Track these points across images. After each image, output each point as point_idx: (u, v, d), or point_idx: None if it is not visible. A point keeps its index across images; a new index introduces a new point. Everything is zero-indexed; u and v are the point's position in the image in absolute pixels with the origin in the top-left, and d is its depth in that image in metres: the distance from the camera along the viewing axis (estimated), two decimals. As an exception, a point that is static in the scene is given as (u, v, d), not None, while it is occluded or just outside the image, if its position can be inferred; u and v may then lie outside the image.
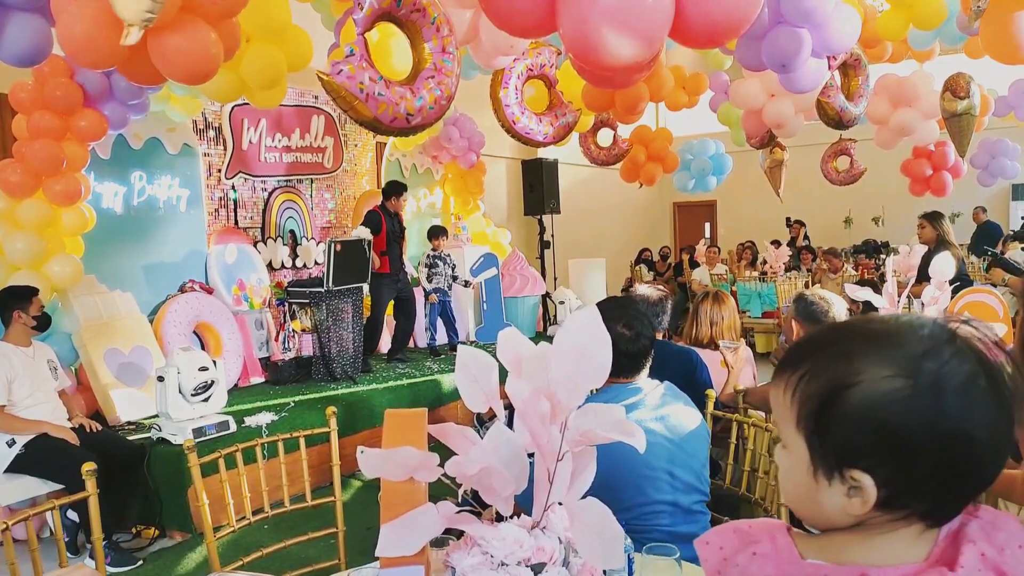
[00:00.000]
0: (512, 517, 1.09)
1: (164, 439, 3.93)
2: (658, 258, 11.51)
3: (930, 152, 7.88)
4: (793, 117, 5.65)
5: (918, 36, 5.35)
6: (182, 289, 5.39)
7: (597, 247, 10.77)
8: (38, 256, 4.22)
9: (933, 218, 5.11)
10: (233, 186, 6.09)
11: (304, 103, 6.62)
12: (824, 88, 5.34)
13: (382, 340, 6.55)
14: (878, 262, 9.17)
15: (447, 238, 6.90)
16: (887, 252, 9.45)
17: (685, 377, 2.70)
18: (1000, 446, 0.69)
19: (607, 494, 1.05)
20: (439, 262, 6.62)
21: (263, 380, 5.68)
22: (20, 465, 3.52)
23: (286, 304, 5.77)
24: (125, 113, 4.33)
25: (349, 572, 1.52)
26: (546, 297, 8.31)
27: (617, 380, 1.90)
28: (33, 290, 3.80)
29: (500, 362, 1.11)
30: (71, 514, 3.61)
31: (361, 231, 5.83)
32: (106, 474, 1.90)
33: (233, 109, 5.92)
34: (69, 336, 4.50)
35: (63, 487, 3.52)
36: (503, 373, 1.05)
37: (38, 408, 3.62)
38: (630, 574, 1.30)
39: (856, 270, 8.89)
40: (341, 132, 7.02)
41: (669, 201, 14.82)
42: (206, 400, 3.98)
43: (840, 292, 4.44)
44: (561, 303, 7.92)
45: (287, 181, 6.57)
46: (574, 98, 5.80)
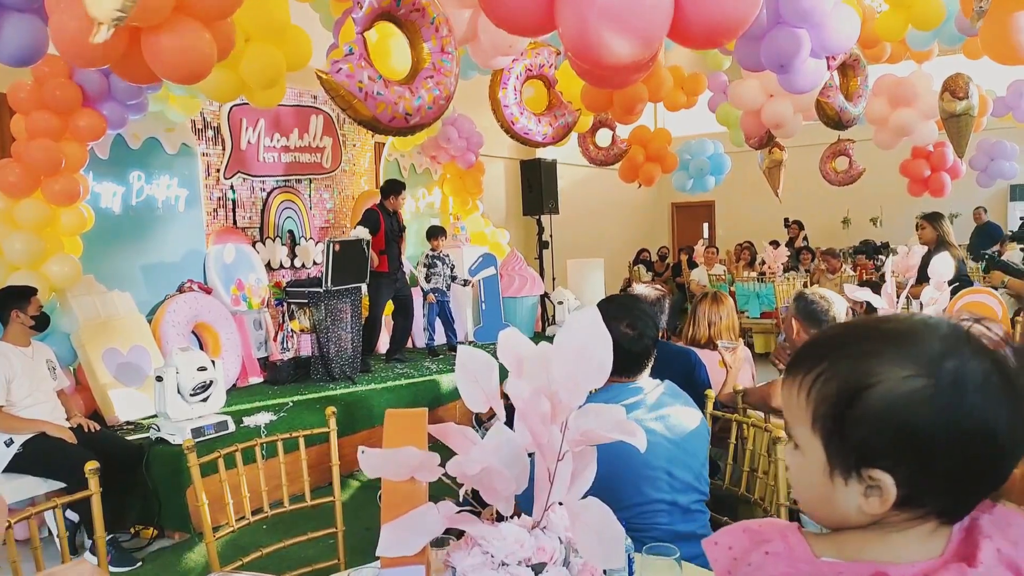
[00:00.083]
0: (512, 517, 1.09)
1: (163, 439, 3.93)
2: (656, 258, 11.50)
3: (929, 153, 7.89)
4: (792, 117, 5.65)
5: (917, 36, 5.35)
6: (180, 289, 5.39)
7: (595, 247, 10.77)
8: (37, 256, 4.22)
9: (933, 219, 5.11)
10: (232, 186, 6.09)
11: (303, 103, 6.61)
12: (824, 88, 5.34)
13: (380, 340, 6.54)
14: (877, 263, 9.17)
15: (446, 238, 6.90)
16: (887, 253, 9.45)
17: (684, 377, 2.70)
18: (1018, 441, 0.69)
19: (606, 493, 1.05)
20: (438, 262, 6.62)
21: (261, 380, 5.68)
22: (19, 465, 3.51)
23: (285, 304, 5.76)
24: (124, 113, 4.33)
25: (349, 572, 1.51)
26: (544, 297, 8.32)
27: (618, 379, 1.89)
28: (31, 290, 3.79)
29: (500, 362, 1.10)
30: (70, 514, 3.59)
31: (360, 231, 5.82)
32: (104, 474, 1.90)
33: (232, 109, 5.91)
34: (67, 336, 4.49)
35: (63, 487, 3.51)
36: (503, 373, 1.05)
37: (37, 408, 3.61)
38: (630, 574, 1.30)
39: (854, 271, 8.89)
40: (340, 132, 7.01)
41: (667, 201, 14.82)
42: (205, 400, 3.98)
43: (839, 293, 4.43)
44: (559, 303, 7.92)
45: (286, 181, 6.57)
46: (573, 98, 5.79)
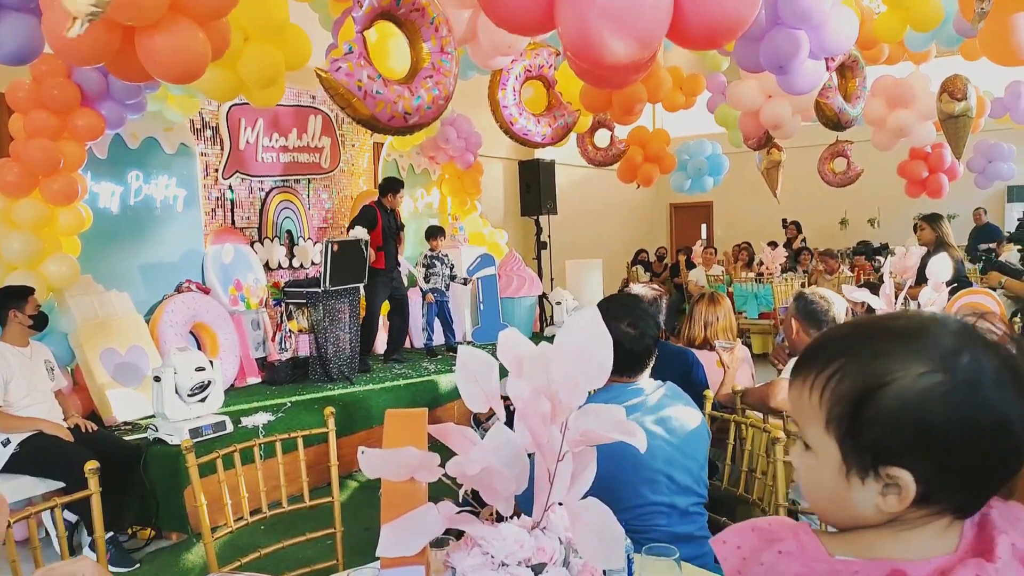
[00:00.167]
0: (512, 517, 1.09)
1: (160, 439, 3.92)
2: (654, 259, 11.51)
3: (926, 154, 7.90)
4: (790, 118, 5.66)
5: (915, 38, 5.36)
6: (179, 289, 5.38)
7: (594, 248, 10.78)
8: (34, 256, 4.21)
9: (932, 220, 5.11)
10: (230, 186, 6.08)
11: (301, 103, 6.61)
12: (823, 89, 5.35)
13: (378, 340, 6.53)
14: (876, 264, 9.18)
15: (444, 238, 6.90)
16: (885, 254, 9.46)
17: (682, 377, 2.70)
18: None
19: (606, 495, 1.05)
20: (437, 262, 6.62)
21: (260, 380, 5.67)
22: (16, 465, 3.50)
23: (283, 304, 5.75)
24: (122, 112, 4.32)
25: (348, 572, 1.51)
26: (543, 298, 8.32)
27: (619, 379, 1.89)
28: (29, 289, 3.78)
29: (500, 362, 1.10)
30: (68, 514, 3.58)
31: (359, 232, 5.82)
32: (102, 474, 1.89)
33: (230, 109, 5.90)
34: (65, 336, 4.49)
35: (60, 487, 3.50)
36: (503, 373, 1.05)
37: (34, 408, 3.61)
38: (630, 574, 1.30)
39: (852, 271, 8.90)
40: (338, 132, 7.01)
41: (666, 202, 14.83)
42: (203, 400, 3.97)
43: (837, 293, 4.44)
44: (558, 304, 7.93)
45: (284, 181, 6.56)
46: (573, 99, 5.79)
